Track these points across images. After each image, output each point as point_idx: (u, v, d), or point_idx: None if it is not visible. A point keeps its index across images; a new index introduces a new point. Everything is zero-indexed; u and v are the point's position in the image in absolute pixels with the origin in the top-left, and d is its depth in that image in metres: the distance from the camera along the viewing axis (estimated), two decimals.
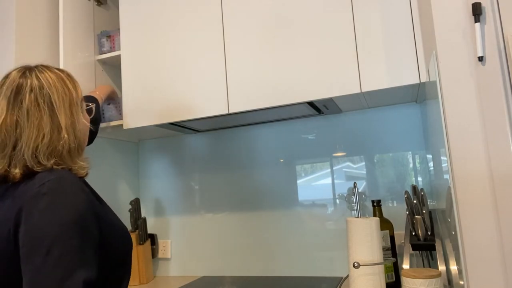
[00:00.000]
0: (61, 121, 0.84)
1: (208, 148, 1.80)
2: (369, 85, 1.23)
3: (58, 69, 0.91)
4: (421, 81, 1.18)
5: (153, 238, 1.79)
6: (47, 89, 0.84)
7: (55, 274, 0.69)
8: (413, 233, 1.20)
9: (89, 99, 1.39)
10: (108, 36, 1.68)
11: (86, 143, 0.97)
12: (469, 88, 0.82)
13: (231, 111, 1.39)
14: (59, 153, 0.82)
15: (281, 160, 1.68)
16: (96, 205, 0.83)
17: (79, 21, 1.61)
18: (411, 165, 1.50)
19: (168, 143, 1.88)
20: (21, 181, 0.80)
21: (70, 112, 0.86)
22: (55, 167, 0.81)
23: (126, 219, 1.71)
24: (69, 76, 0.91)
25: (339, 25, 1.28)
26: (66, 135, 0.83)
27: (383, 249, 1.20)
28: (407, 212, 1.23)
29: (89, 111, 1.00)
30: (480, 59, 0.81)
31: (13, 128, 0.81)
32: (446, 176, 0.92)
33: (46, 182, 0.76)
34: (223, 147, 1.78)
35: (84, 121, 0.92)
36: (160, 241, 1.82)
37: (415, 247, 1.19)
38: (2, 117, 0.81)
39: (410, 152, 1.50)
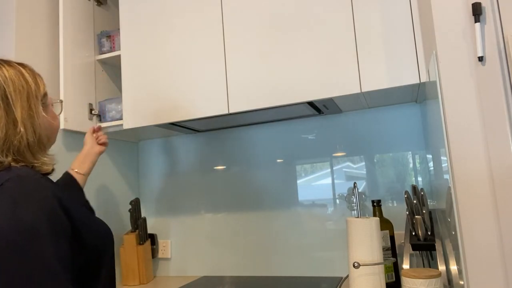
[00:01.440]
0: (16, 115, 0.79)
1: (208, 148, 1.80)
2: (369, 85, 1.23)
3: (19, 63, 0.87)
4: (421, 81, 1.18)
5: (153, 238, 1.79)
6: (2, 82, 0.80)
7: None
8: (413, 233, 1.20)
9: (69, 181, 1.25)
10: (108, 36, 1.68)
11: (53, 139, 0.93)
12: (469, 88, 0.82)
13: (231, 111, 1.39)
14: (16, 148, 0.78)
15: (281, 160, 1.68)
16: (64, 199, 0.78)
17: (79, 21, 1.61)
18: (411, 165, 1.50)
19: (168, 143, 1.88)
20: None
21: (27, 105, 0.82)
22: (13, 164, 0.78)
23: (126, 219, 1.71)
24: (30, 70, 0.87)
25: (339, 25, 1.28)
26: (22, 129, 0.79)
27: (383, 249, 1.20)
28: (407, 212, 1.23)
29: (56, 107, 0.96)
30: (480, 59, 0.81)
31: None
32: (446, 176, 0.92)
33: (5, 183, 0.72)
34: (223, 147, 1.78)
35: (44, 115, 0.87)
36: (160, 241, 1.82)
37: (415, 247, 1.19)
38: None
39: (410, 152, 1.50)
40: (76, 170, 1.27)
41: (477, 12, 0.81)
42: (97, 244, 0.85)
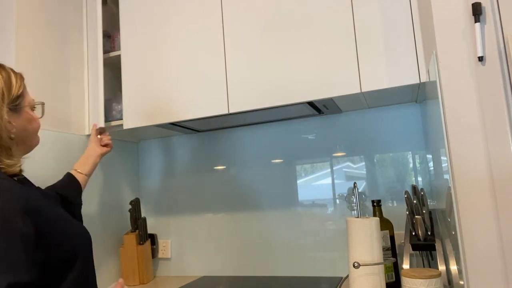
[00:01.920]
0: None
1: (208, 148, 1.80)
2: (369, 85, 1.23)
3: None
4: (421, 81, 1.18)
5: (153, 238, 1.79)
6: None
7: None
8: (413, 233, 1.20)
9: (69, 181, 1.25)
10: (108, 36, 1.68)
11: (29, 142, 0.93)
12: (469, 88, 0.82)
13: (231, 111, 1.39)
14: None
15: (281, 160, 1.68)
16: (32, 202, 0.77)
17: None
18: (411, 165, 1.50)
19: (168, 143, 1.88)
20: None
21: None
22: None
23: (126, 219, 1.71)
24: (6, 72, 0.87)
25: (339, 25, 1.28)
26: None
27: (383, 249, 1.20)
28: (407, 212, 1.23)
29: (37, 109, 0.96)
30: (480, 59, 0.81)
31: None
32: (446, 176, 0.92)
33: None
34: (223, 147, 1.78)
35: (6, 119, 0.85)
36: (160, 241, 1.82)
37: (415, 247, 1.19)
38: None
39: (410, 152, 1.50)
40: (78, 170, 1.30)
41: (477, 12, 0.81)
42: (66, 246, 0.83)
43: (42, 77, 1.47)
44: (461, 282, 0.88)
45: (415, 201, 1.19)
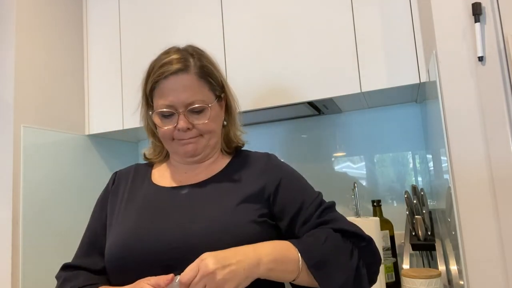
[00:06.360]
0: None
1: None
2: (369, 85, 1.23)
3: None
4: (421, 81, 1.18)
5: None
6: None
7: None
8: (413, 233, 1.20)
9: None
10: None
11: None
12: (469, 88, 0.82)
13: None
14: None
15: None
16: None
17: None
18: (411, 165, 1.50)
19: None
20: None
21: None
22: None
23: None
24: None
25: (339, 25, 1.28)
26: None
27: (383, 249, 1.20)
28: (407, 212, 1.23)
29: None
30: (480, 59, 0.81)
31: None
32: (446, 176, 0.92)
33: None
34: None
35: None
36: None
37: (415, 247, 1.19)
38: None
39: (410, 152, 1.50)
40: None
41: (477, 12, 0.81)
42: None
43: (42, 77, 1.47)
44: (461, 282, 0.88)
45: (415, 201, 1.19)
